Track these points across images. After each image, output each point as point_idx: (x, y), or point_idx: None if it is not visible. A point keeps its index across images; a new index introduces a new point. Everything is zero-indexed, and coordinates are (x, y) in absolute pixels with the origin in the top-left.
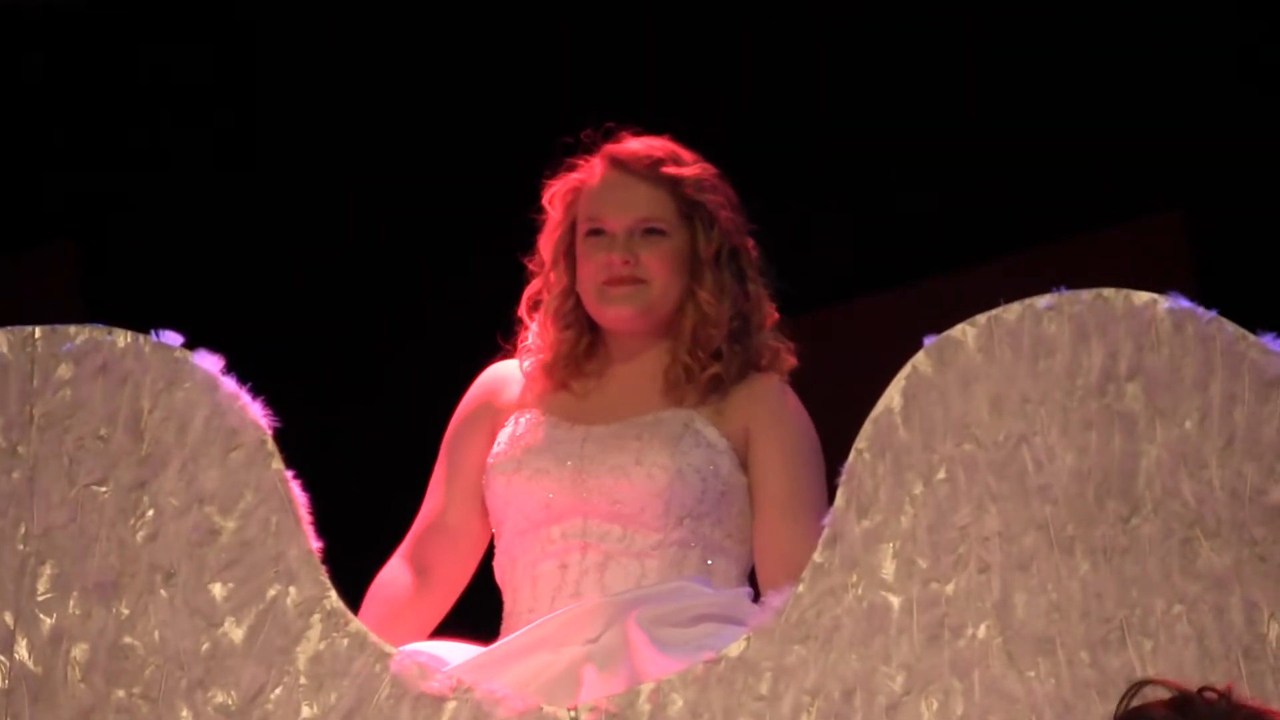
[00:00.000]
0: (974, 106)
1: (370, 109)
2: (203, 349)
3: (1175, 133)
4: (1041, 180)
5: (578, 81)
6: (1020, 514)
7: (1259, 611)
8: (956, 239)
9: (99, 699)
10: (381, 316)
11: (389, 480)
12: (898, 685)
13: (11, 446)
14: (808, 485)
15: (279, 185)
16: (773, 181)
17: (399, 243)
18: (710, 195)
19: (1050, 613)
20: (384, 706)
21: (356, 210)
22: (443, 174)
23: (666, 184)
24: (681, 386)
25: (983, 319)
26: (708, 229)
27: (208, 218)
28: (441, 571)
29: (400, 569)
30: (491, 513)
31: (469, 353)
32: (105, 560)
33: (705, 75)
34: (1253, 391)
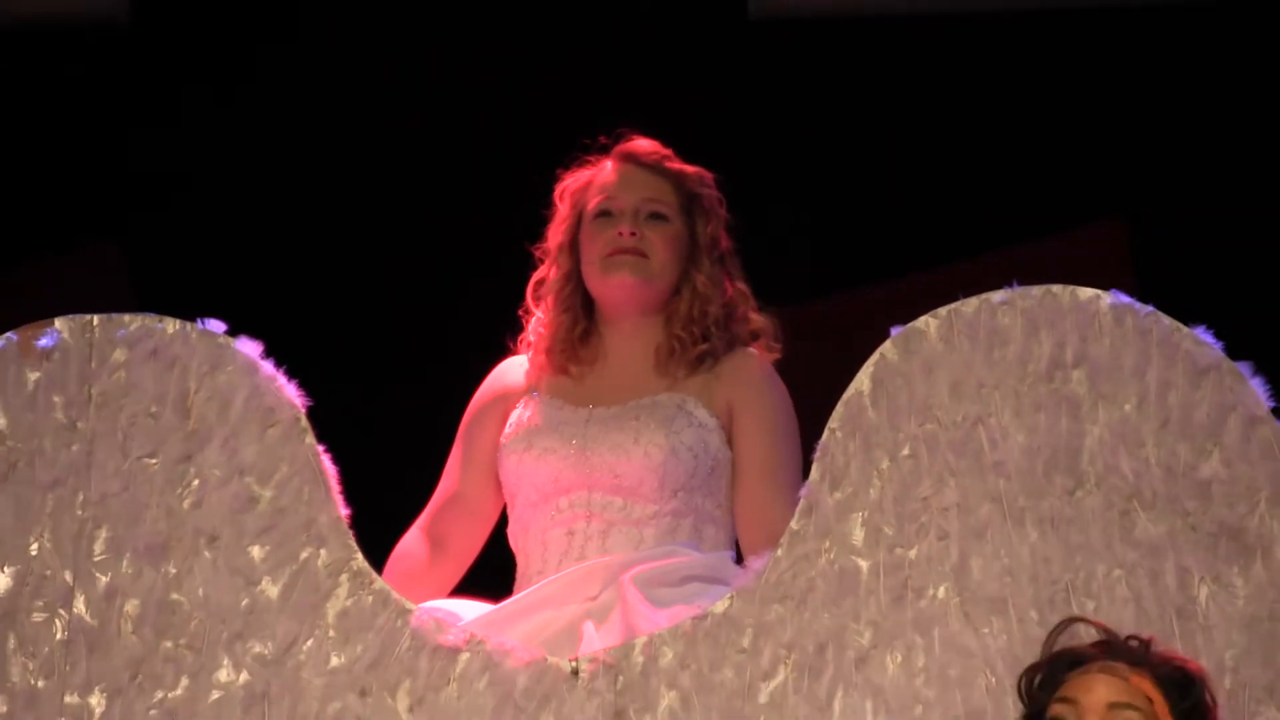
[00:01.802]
0: (937, 128)
1: (404, 104)
2: (243, 336)
3: (1118, 147)
4: (997, 191)
5: (596, 92)
6: (976, 487)
7: (1190, 576)
8: (922, 245)
9: (148, 649)
10: (405, 309)
11: (410, 455)
12: (866, 640)
13: (71, 423)
14: (785, 454)
15: (311, 184)
16: (758, 190)
17: (423, 240)
18: (708, 192)
19: (1003, 576)
20: (404, 657)
21: (383, 209)
22: (464, 176)
23: (671, 176)
24: (672, 362)
25: (944, 311)
26: (704, 221)
27: (245, 215)
28: (457, 542)
29: (418, 540)
30: (505, 487)
31: (484, 344)
32: (155, 525)
33: (697, 92)
34: (1186, 378)
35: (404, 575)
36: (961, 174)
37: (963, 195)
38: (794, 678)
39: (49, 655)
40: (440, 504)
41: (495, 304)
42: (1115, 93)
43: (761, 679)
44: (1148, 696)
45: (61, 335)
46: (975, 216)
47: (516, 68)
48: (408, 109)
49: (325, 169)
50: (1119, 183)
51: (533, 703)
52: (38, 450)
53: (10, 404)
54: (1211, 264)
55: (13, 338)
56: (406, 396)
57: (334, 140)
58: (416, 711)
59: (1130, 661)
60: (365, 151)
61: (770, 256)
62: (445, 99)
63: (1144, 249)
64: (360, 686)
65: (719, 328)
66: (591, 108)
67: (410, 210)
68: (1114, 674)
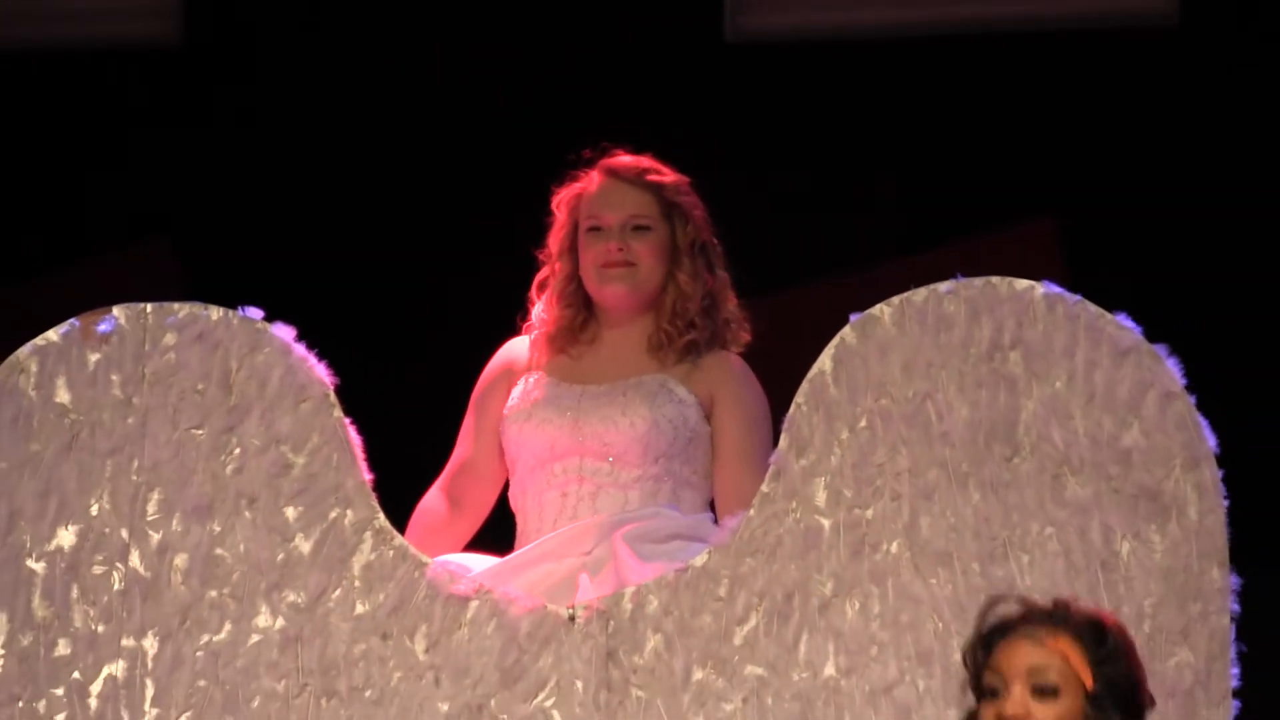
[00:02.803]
0: (893, 140)
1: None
2: (278, 322)
3: (1051, 155)
4: (945, 193)
5: (584, 106)
6: (925, 454)
7: (1113, 533)
8: (878, 242)
9: (195, 598)
10: (421, 298)
11: (424, 427)
12: (828, 590)
13: (128, 398)
14: (758, 440)
15: (336, 191)
16: (732, 194)
17: (434, 239)
18: (685, 198)
19: (948, 533)
20: (421, 605)
21: (399, 215)
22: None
23: (651, 189)
24: (662, 350)
25: (896, 300)
26: (684, 225)
27: (281, 215)
28: (470, 502)
29: (437, 500)
30: (507, 453)
31: (488, 331)
32: (201, 488)
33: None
34: (1109, 358)
35: (425, 530)
36: (914, 179)
37: (915, 198)
38: (765, 623)
39: (107, 603)
40: (455, 468)
41: (497, 296)
42: (1049, 108)
43: (736, 624)
44: (1064, 654)
45: (118, 321)
46: (925, 216)
47: (514, 85)
48: (420, 125)
49: (347, 179)
50: (1051, 186)
51: (534, 645)
52: (97, 422)
53: (74, 381)
54: (1132, 258)
55: (75, 324)
56: (422, 375)
57: (356, 152)
58: (432, 653)
59: (1049, 625)
60: (383, 163)
61: (744, 254)
62: (454, 114)
63: (1072, 245)
64: (382, 631)
65: (703, 317)
66: (579, 119)
67: (422, 215)
68: (1033, 639)
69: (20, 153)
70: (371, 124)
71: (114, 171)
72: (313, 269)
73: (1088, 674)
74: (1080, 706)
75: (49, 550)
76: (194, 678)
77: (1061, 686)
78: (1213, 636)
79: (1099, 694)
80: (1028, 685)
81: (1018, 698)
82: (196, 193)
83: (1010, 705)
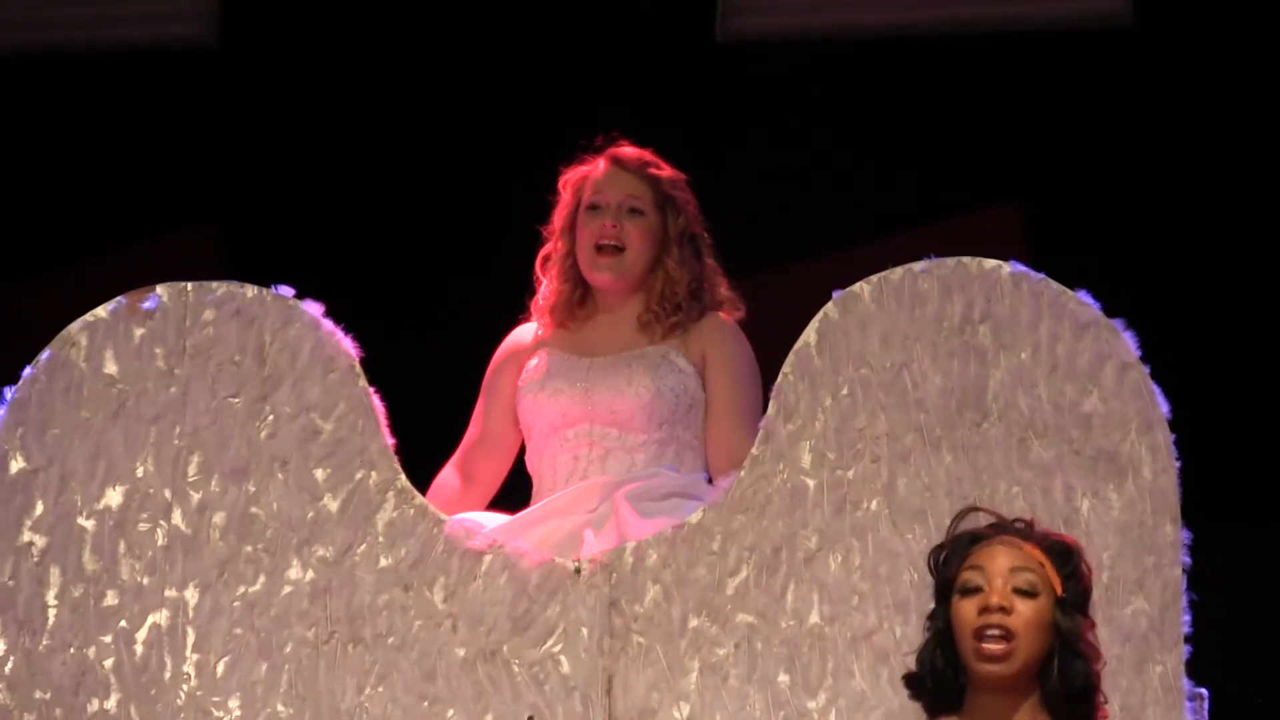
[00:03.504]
0: (876, 132)
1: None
2: (308, 299)
3: (1017, 147)
4: (921, 181)
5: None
6: (902, 420)
7: (1074, 491)
8: (859, 225)
9: (232, 553)
10: (440, 281)
11: (442, 397)
12: (812, 544)
13: (170, 369)
14: (748, 397)
15: (360, 179)
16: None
17: (451, 228)
18: (680, 193)
19: (923, 492)
20: (439, 558)
21: (418, 204)
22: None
23: (649, 179)
24: (650, 328)
25: (875, 278)
26: (675, 216)
27: (310, 202)
28: (481, 476)
29: (451, 476)
30: (522, 421)
31: (497, 308)
32: (237, 452)
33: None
34: (1071, 332)
35: (442, 502)
36: (891, 168)
37: (893, 185)
38: (754, 574)
39: (152, 557)
40: (469, 445)
41: (501, 281)
42: (1015, 104)
43: (728, 575)
44: (1040, 562)
45: (162, 299)
46: (902, 201)
47: (519, 84)
48: (432, 123)
49: (370, 171)
50: (1016, 176)
51: (543, 595)
52: (142, 391)
53: (121, 354)
54: (1090, 241)
55: (123, 301)
56: (437, 349)
57: (376, 148)
58: (449, 602)
59: (1022, 537)
60: (399, 157)
61: (735, 236)
62: (464, 113)
63: (1035, 228)
64: (404, 582)
65: (689, 301)
66: (579, 114)
67: (434, 207)
68: (1011, 545)
69: (70, 147)
70: (388, 122)
71: (157, 164)
72: (339, 251)
73: (1058, 583)
74: (1051, 607)
75: (98, 509)
76: (231, 626)
77: (1039, 589)
78: (1166, 586)
79: (1066, 600)
80: (1009, 583)
81: (1000, 588)
82: (232, 182)
83: (995, 597)
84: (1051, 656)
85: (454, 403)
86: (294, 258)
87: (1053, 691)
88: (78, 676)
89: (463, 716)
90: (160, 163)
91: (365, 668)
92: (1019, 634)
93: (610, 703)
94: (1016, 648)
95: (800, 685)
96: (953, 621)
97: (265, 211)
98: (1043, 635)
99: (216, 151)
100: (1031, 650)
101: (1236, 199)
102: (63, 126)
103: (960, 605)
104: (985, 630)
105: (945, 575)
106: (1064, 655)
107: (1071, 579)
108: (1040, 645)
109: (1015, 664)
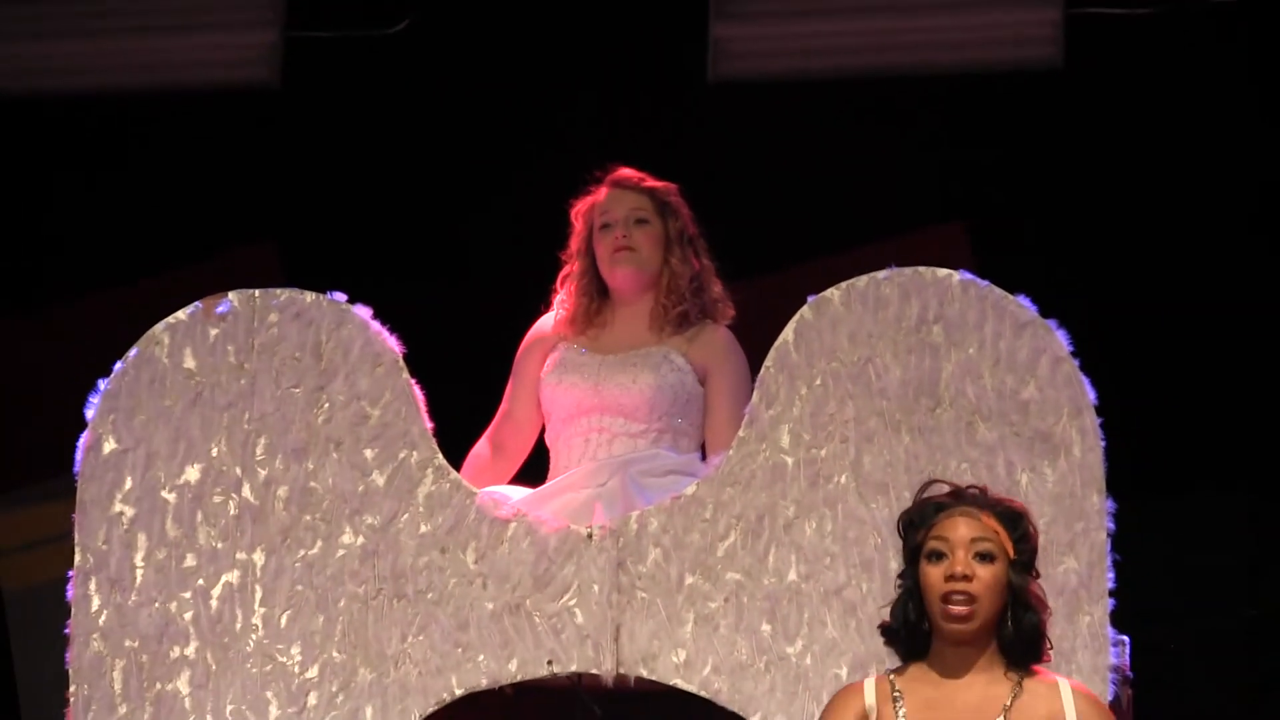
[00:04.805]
0: (843, 163)
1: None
2: (359, 304)
3: (961, 170)
4: (881, 202)
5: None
6: (867, 406)
7: (1015, 467)
8: (830, 240)
9: (294, 521)
10: (471, 283)
11: (474, 387)
12: (791, 512)
13: (240, 364)
14: (742, 401)
15: (408, 199)
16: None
17: (485, 243)
18: (674, 199)
19: (885, 468)
20: (471, 525)
21: (457, 224)
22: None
23: (647, 191)
24: (660, 323)
25: (844, 285)
26: (674, 220)
27: (361, 219)
28: (510, 448)
29: (484, 447)
30: (543, 407)
31: (519, 316)
32: (298, 435)
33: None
34: (1011, 330)
35: (476, 470)
36: (860, 191)
37: (860, 205)
38: (741, 538)
39: (225, 525)
40: (499, 421)
41: (526, 291)
42: (960, 137)
43: (719, 540)
44: (995, 530)
45: (233, 303)
46: (868, 219)
47: (539, 122)
48: (463, 158)
49: (413, 196)
50: (961, 198)
51: (560, 557)
52: (216, 383)
53: (198, 351)
54: (1027, 252)
55: (199, 305)
56: (471, 348)
57: (416, 174)
58: (480, 563)
59: (978, 505)
60: (434, 182)
61: (726, 250)
62: (490, 149)
63: (981, 242)
64: (441, 546)
65: (692, 293)
66: (588, 148)
67: (465, 230)
68: (970, 515)
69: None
70: (423, 156)
71: (229, 189)
72: (384, 263)
73: (1010, 547)
74: (1006, 569)
75: (179, 483)
76: (293, 584)
77: (996, 554)
78: (1093, 548)
79: (1017, 561)
80: (970, 551)
81: (962, 559)
82: (293, 205)
83: (958, 565)
84: (1006, 610)
85: (481, 394)
86: (346, 268)
87: (1008, 640)
88: (161, 627)
89: (491, 661)
90: (231, 188)
91: (408, 619)
92: (980, 597)
93: (618, 649)
94: (978, 609)
95: (780, 633)
96: (921, 584)
97: (321, 229)
98: (999, 594)
99: (279, 178)
100: (990, 609)
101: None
102: (150, 157)
103: (928, 570)
104: (951, 595)
105: (914, 541)
106: (1016, 609)
107: (1022, 541)
108: (997, 603)
109: (977, 622)
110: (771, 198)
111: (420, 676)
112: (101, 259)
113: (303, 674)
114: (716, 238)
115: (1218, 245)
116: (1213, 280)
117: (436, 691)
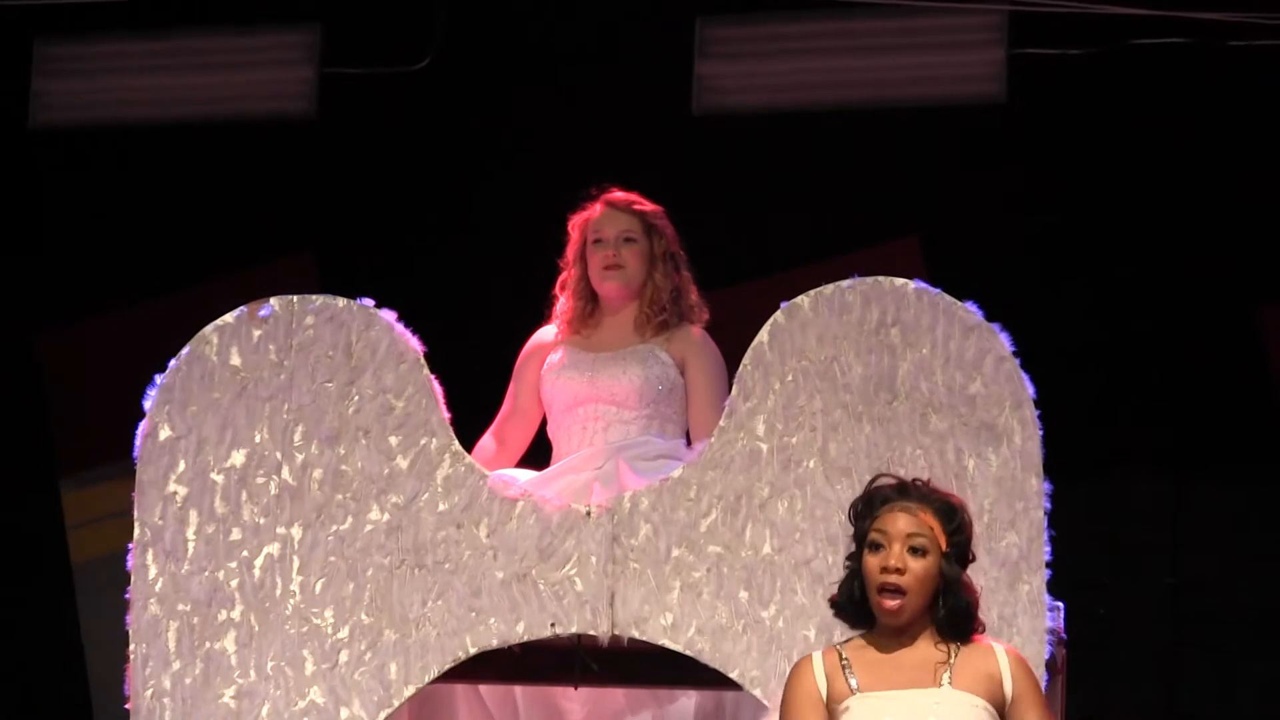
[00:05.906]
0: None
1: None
2: (385, 308)
3: (913, 191)
4: (839, 220)
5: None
6: (833, 399)
7: (963, 453)
8: (799, 254)
9: (327, 499)
10: (483, 291)
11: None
12: (765, 493)
13: (280, 361)
14: (718, 393)
15: (427, 219)
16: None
17: (485, 254)
18: (660, 222)
19: (849, 454)
20: (484, 504)
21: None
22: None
23: (636, 214)
24: (643, 326)
25: (813, 292)
26: (659, 240)
27: (387, 234)
28: (511, 441)
29: (488, 441)
30: (544, 400)
31: (522, 327)
32: (331, 423)
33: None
34: (960, 333)
35: (483, 462)
36: (826, 210)
37: (823, 224)
38: (721, 516)
39: (267, 503)
40: (503, 417)
41: (533, 300)
42: (913, 165)
43: (702, 517)
44: (930, 525)
45: (274, 307)
46: (833, 235)
47: (541, 152)
48: (479, 183)
49: (431, 214)
50: (915, 216)
51: (562, 532)
52: (259, 378)
53: (243, 349)
54: (975, 263)
55: (244, 309)
56: (484, 349)
57: (432, 196)
58: (491, 537)
59: (918, 500)
60: (449, 205)
61: (707, 261)
62: (499, 175)
63: (932, 254)
64: (457, 522)
65: (672, 304)
66: (586, 173)
67: (475, 245)
68: (908, 511)
69: (205, 195)
70: (443, 179)
71: (270, 207)
72: (408, 272)
73: (944, 540)
74: (938, 562)
75: (226, 466)
76: (326, 555)
77: (929, 548)
78: (1032, 525)
79: (950, 554)
80: (905, 545)
81: (897, 553)
82: (327, 221)
83: (892, 558)
84: (938, 596)
85: (491, 389)
86: (374, 277)
87: (941, 620)
88: (210, 593)
89: (501, 624)
90: (273, 207)
91: (428, 586)
92: (909, 589)
93: (613, 613)
94: (906, 603)
95: (756, 600)
96: (863, 569)
97: (353, 241)
98: (930, 584)
99: (316, 198)
100: (920, 599)
101: (1089, 234)
102: (203, 181)
103: (868, 559)
104: (884, 586)
105: (861, 529)
106: (948, 595)
107: (955, 534)
108: (929, 592)
109: (905, 614)
110: (749, 215)
111: (439, 637)
112: (159, 269)
113: (335, 634)
114: (699, 251)
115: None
116: (1137, 290)
117: (453, 650)
